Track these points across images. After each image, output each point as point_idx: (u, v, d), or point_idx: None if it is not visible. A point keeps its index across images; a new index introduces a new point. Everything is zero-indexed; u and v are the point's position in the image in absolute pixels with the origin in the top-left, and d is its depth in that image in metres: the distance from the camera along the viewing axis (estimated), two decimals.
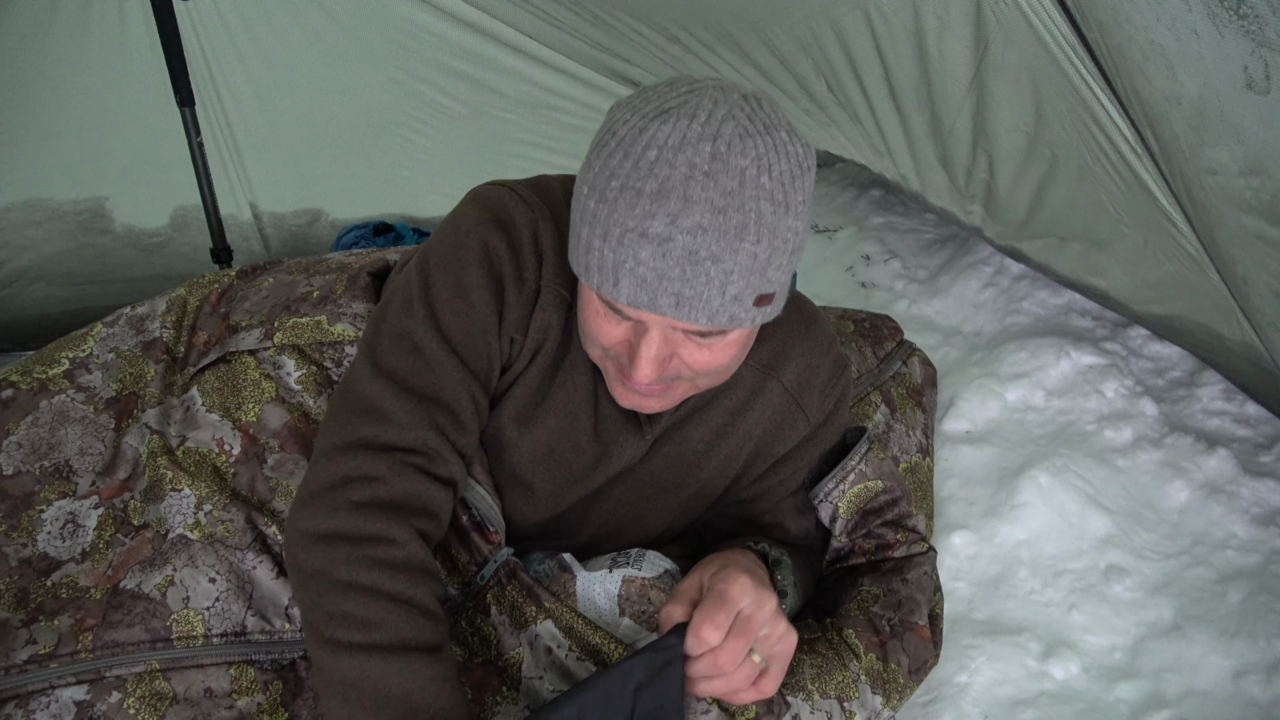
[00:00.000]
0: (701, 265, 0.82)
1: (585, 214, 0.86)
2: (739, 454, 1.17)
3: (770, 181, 0.83)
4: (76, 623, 0.93)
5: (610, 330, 0.92)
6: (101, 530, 1.02)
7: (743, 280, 0.84)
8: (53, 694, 0.89)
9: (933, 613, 1.25)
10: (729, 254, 0.82)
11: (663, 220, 0.81)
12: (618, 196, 0.82)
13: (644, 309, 0.85)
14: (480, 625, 1.04)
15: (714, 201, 0.81)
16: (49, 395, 1.09)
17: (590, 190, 0.85)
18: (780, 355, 1.15)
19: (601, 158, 0.85)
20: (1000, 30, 1.54)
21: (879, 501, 1.27)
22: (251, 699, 0.94)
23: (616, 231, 0.83)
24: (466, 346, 1.00)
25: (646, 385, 0.94)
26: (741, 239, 0.82)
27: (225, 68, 1.98)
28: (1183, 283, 1.66)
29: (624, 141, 0.83)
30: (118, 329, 1.19)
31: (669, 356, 0.91)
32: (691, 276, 0.82)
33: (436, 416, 0.98)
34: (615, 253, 0.83)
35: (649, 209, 0.81)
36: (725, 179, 0.81)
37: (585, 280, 0.88)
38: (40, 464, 1.04)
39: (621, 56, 2.12)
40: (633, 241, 0.82)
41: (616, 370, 0.97)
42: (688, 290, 0.83)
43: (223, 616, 0.96)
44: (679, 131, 0.81)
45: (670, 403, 1.01)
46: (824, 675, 1.10)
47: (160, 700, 0.91)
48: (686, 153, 0.81)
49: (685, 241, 0.81)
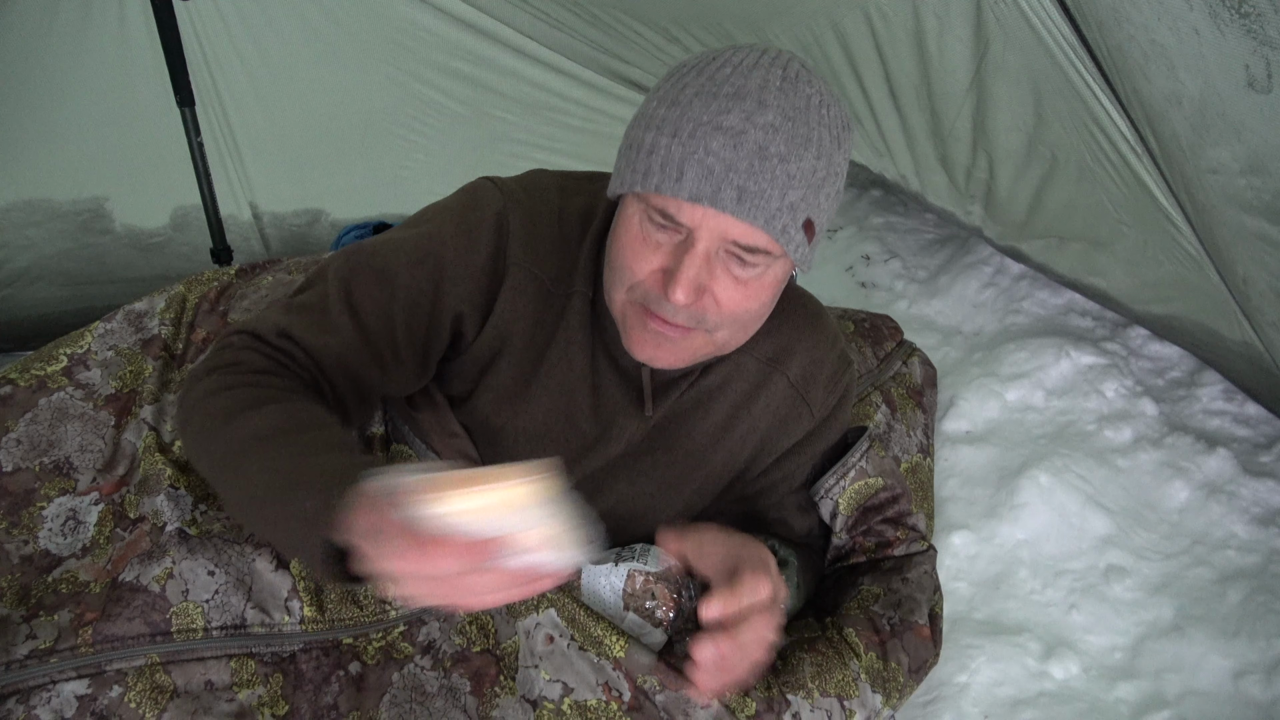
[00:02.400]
0: (769, 161, 0.84)
1: (652, 121, 0.88)
2: (744, 447, 1.17)
3: (829, 115, 0.89)
4: (76, 617, 0.93)
5: (647, 257, 0.91)
6: (102, 526, 1.02)
7: (801, 190, 0.86)
8: (54, 688, 0.90)
9: (932, 612, 1.25)
10: (795, 157, 0.85)
11: (738, 115, 0.84)
12: (692, 99, 0.86)
13: (705, 201, 0.85)
14: (479, 614, 1.04)
15: (785, 109, 0.86)
16: (48, 392, 1.09)
17: (659, 102, 0.89)
18: (786, 349, 1.15)
19: (673, 79, 0.90)
20: (1000, 30, 1.54)
21: (879, 499, 1.28)
22: (252, 691, 0.94)
23: (689, 126, 0.85)
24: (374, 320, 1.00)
25: (668, 324, 0.93)
26: (806, 148, 0.86)
27: (225, 68, 1.97)
28: (1183, 283, 1.66)
29: (696, 65, 0.89)
30: (116, 326, 1.19)
31: (703, 289, 0.91)
32: (759, 170, 0.84)
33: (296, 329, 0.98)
34: (685, 145, 0.85)
35: (725, 106, 0.85)
36: (795, 97, 0.87)
37: (642, 185, 0.87)
38: (40, 461, 1.05)
39: (621, 57, 2.12)
40: (705, 133, 0.84)
41: (639, 313, 0.95)
42: (752, 184, 0.84)
43: (222, 609, 0.96)
44: (752, 57, 0.88)
45: (685, 357, 0.99)
46: (824, 674, 1.10)
47: (161, 693, 0.91)
48: (760, 71, 0.87)
49: (758, 136, 0.84)
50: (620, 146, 0.94)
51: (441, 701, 0.99)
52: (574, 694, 0.99)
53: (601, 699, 0.99)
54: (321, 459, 0.83)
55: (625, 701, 0.99)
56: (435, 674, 1.01)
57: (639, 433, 1.12)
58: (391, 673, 1.00)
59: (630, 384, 1.10)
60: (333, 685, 0.98)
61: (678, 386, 1.11)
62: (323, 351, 0.98)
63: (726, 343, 1.00)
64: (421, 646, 1.03)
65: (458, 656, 1.02)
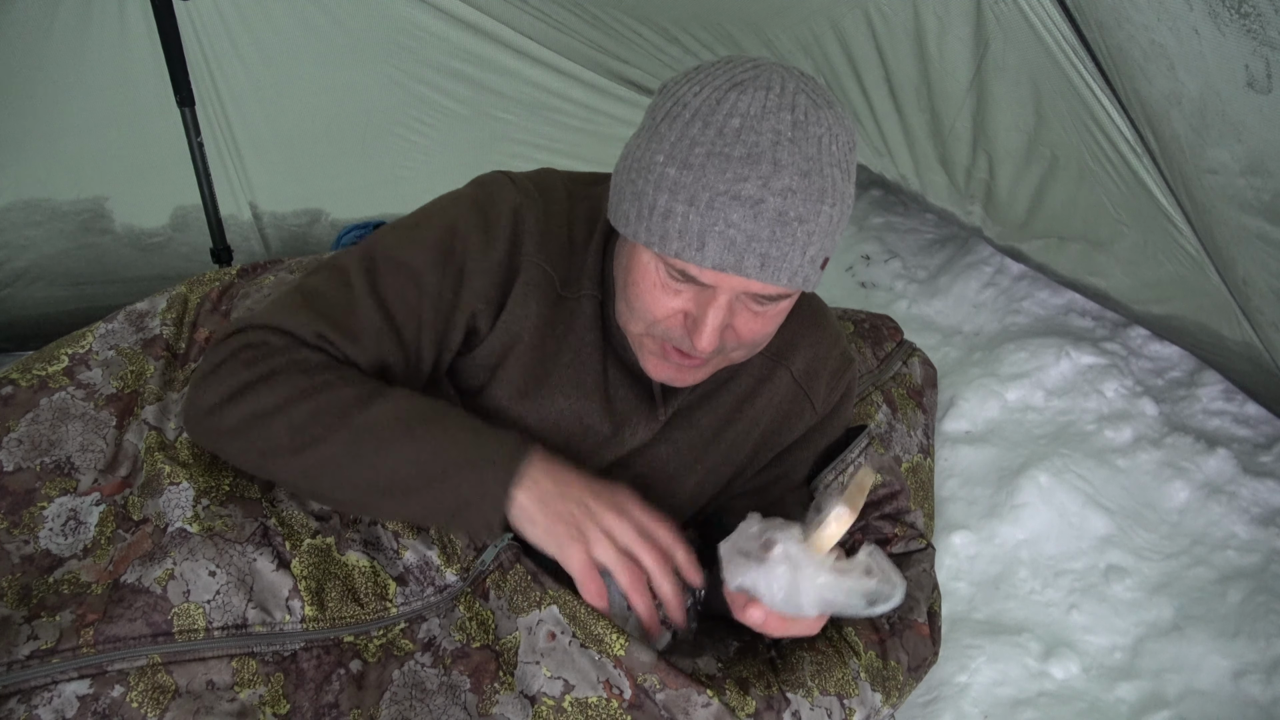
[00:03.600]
0: (789, 226, 0.86)
1: (664, 182, 0.87)
2: (746, 441, 1.18)
3: (838, 150, 0.88)
4: (78, 618, 0.93)
5: (666, 303, 0.93)
6: (103, 527, 1.02)
7: (820, 241, 0.88)
8: (55, 689, 0.89)
9: (931, 610, 1.26)
10: (813, 215, 0.86)
11: (755, 183, 0.84)
12: (704, 162, 0.85)
13: (729, 271, 0.86)
14: (479, 610, 1.04)
15: (799, 165, 0.85)
16: (49, 393, 1.09)
17: (669, 159, 0.87)
18: (789, 345, 1.16)
19: (677, 128, 0.87)
20: (1000, 30, 1.54)
21: (878, 495, 1.28)
22: (254, 691, 0.94)
23: (706, 196, 0.85)
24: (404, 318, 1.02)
25: (689, 357, 0.96)
26: (822, 201, 0.87)
27: (225, 68, 1.97)
28: (1183, 283, 1.66)
29: (701, 112, 0.86)
30: (117, 326, 1.19)
31: (725, 328, 0.93)
32: (780, 237, 0.86)
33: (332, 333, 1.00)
34: (704, 216, 0.85)
35: (740, 172, 0.84)
36: (806, 145, 0.86)
37: (661, 248, 0.88)
38: (41, 460, 1.05)
39: (621, 58, 2.12)
40: (724, 204, 0.84)
41: (658, 345, 0.98)
42: (774, 251, 0.86)
43: (223, 609, 0.96)
44: (759, 101, 0.85)
45: (705, 375, 1.03)
46: (824, 672, 1.11)
47: (163, 694, 0.91)
48: (770, 120, 0.85)
49: (776, 203, 0.85)
50: (621, 180, 0.94)
51: (441, 699, 0.99)
52: (575, 691, 0.99)
53: (602, 696, 0.99)
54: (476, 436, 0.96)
55: (626, 699, 0.99)
56: (435, 671, 1.01)
57: (651, 430, 1.13)
58: (392, 670, 1.00)
59: (641, 385, 1.12)
60: (334, 684, 0.98)
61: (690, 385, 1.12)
62: (360, 355, 1.01)
63: (742, 358, 1.04)
64: (422, 643, 1.03)
65: (458, 653, 1.01)
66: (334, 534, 1.04)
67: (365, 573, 1.03)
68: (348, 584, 1.02)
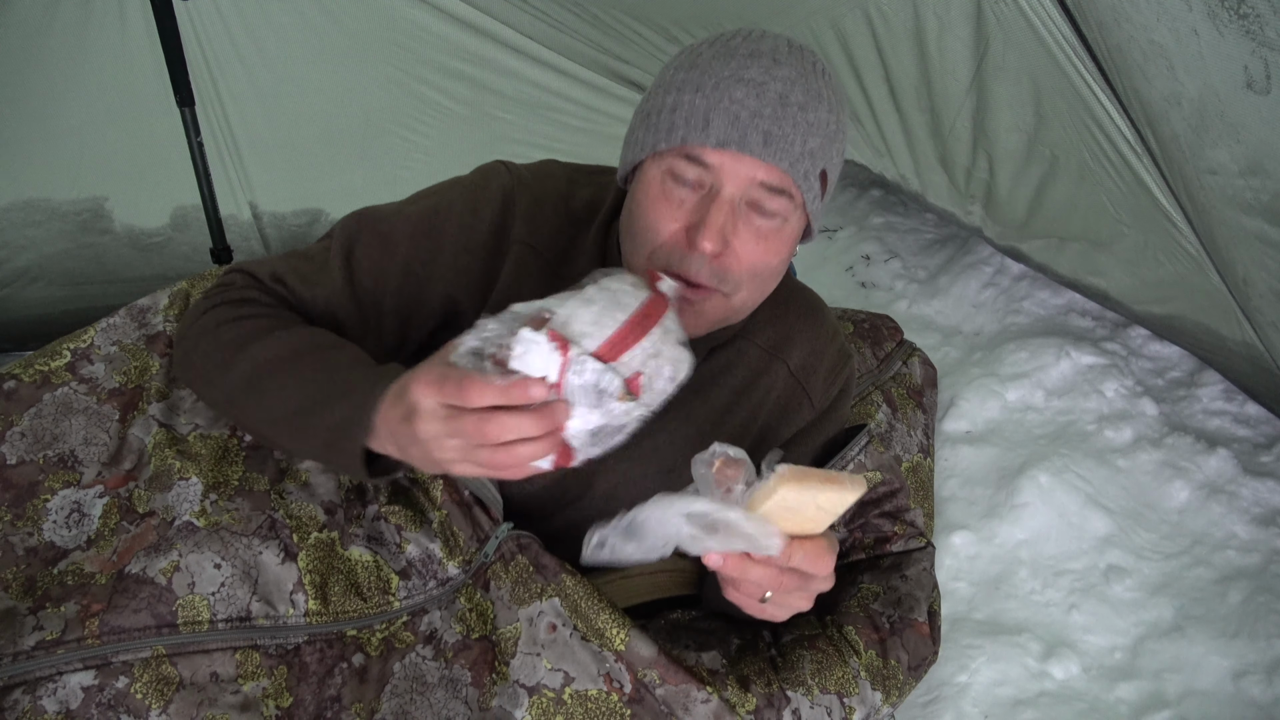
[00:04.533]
0: (789, 108, 0.91)
1: (672, 84, 0.94)
2: (744, 435, 1.17)
3: (831, 81, 0.97)
4: (83, 609, 0.94)
5: (670, 214, 0.95)
6: (107, 519, 1.02)
7: (819, 138, 0.93)
8: (60, 679, 0.90)
9: (931, 609, 1.26)
10: (813, 106, 0.93)
11: (758, 69, 0.92)
12: (711, 59, 0.93)
13: (732, 146, 0.90)
14: (479, 602, 1.05)
15: (799, 67, 0.94)
16: (51, 388, 1.10)
17: (677, 68, 0.96)
18: (786, 338, 1.17)
19: (685, 53, 0.97)
20: (1000, 30, 1.54)
21: (877, 492, 1.28)
22: (257, 684, 0.95)
23: (711, 80, 0.91)
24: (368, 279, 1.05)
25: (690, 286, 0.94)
26: (820, 101, 0.94)
27: (225, 68, 1.97)
28: (1183, 283, 1.66)
29: (708, 39, 0.97)
30: (119, 321, 1.19)
31: (727, 242, 0.94)
32: (781, 116, 0.91)
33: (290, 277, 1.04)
34: (709, 98, 0.91)
35: (744, 62, 0.92)
36: (803, 60, 0.95)
37: (666, 141, 0.93)
38: (44, 453, 1.05)
39: (621, 58, 2.12)
40: (729, 85, 0.91)
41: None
42: (776, 129, 0.90)
43: (228, 602, 0.97)
44: (758, 32, 0.96)
45: (704, 324, 1.00)
46: (824, 671, 1.11)
47: (167, 685, 0.91)
48: (769, 40, 0.95)
49: (778, 87, 0.91)
50: (630, 126, 0.99)
51: (442, 692, 0.99)
52: (575, 683, 0.99)
53: (602, 689, 0.99)
54: (349, 372, 0.92)
55: (626, 693, 0.99)
56: (437, 664, 1.01)
57: None
58: (393, 663, 1.00)
59: None
60: (336, 677, 0.98)
61: None
62: (311, 301, 1.04)
63: (744, 304, 1.02)
64: (423, 636, 1.03)
65: (459, 645, 1.02)
66: (338, 528, 1.05)
67: (368, 567, 1.03)
68: (351, 578, 1.03)
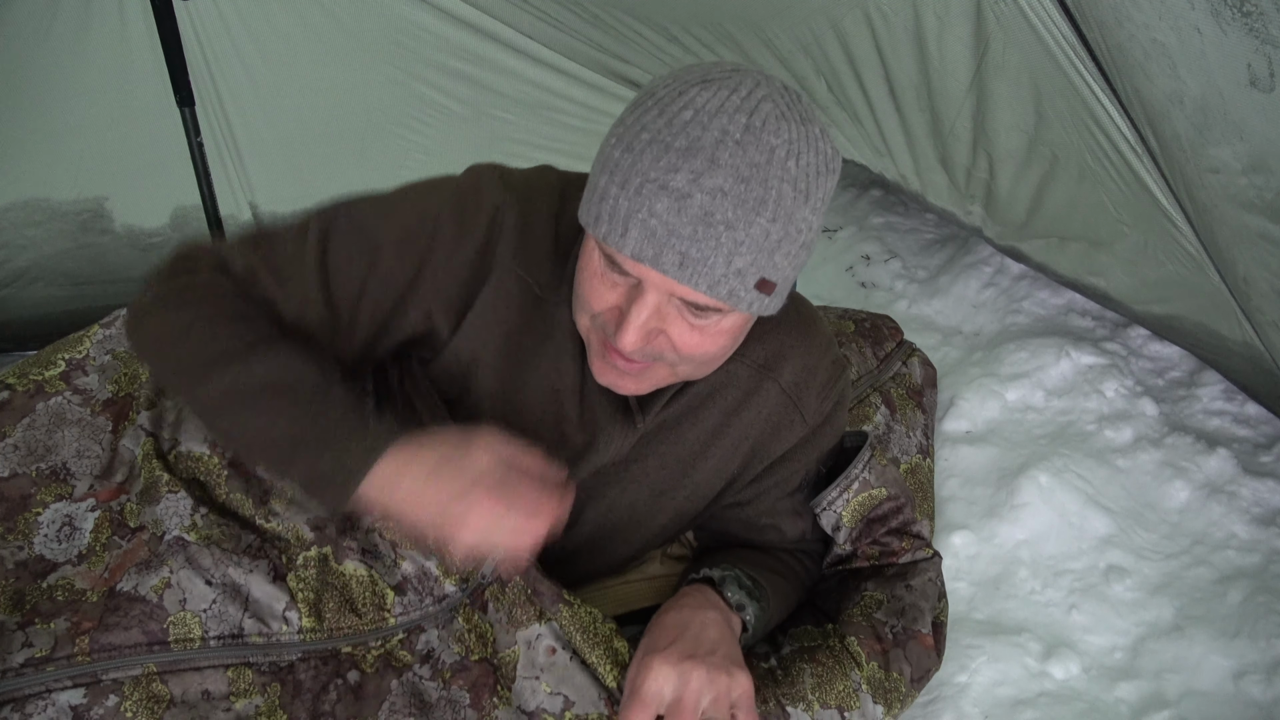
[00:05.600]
0: (714, 229, 0.81)
1: (608, 163, 0.85)
2: (735, 454, 1.16)
3: (796, 168, 0.83)
4: (73, 626, 0.92)
5: (604, 294, 0.90)
6: (98, 533, 1.01)
7: (750, 255, 0.83)
8: (49, 697, 0.88)
9: (936, 620, 1.24)
10: (743, 224, 0.82)
11: (685, 176, 0.81)
12: (645, 148, 0.82)
13: (647, 263, 0.83)
14: (478, 623, 1.03)
15: (739, 170, 0.81)
16: (45, 398, 1.08)
17: (618, 142, 0.85)
18: (778, 356, 1.13)
19: (635, 114, 0.85)
20: (1000, 30, 1.54)
21: (883, 509, 1.25)
22: (250, 701, 0.93)
23: (636, 180, 0.82)
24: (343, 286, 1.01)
25: (625, 359, 0.92)
26: (758, 213, 0.82)
27: (225, 68, 1.97)
28: (1183, 283, 1.66)
29: (661, 101, 0.84)
30: (114, 331, 1.18)
31: (657, 331, 0.90)
32: (702, 238, 0.82)
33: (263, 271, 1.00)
34: (631, 201, 0.82)
35: (674, 163, 0.81)
36: (754, 152, 0.81)
37: (593, 230, 0.86)
38: (37, 466, 1.04)
39: (621, 57, 2.12)
40: (651, 192, 0.81)
41: (600, 342, 0.95)
42: (694, 251, 0.82)
43: (220, 619, 0.95)
44: (718, 100, 0.82)
45: (647, 386, 0.99)
46: (824, 685, 1.09)
47: (158, 703, 0.90)
48: (721, 120, 0.81)
49: (703, 201, 0.81)
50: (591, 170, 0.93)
51: (440, 713, 0.98)
52: (575, 708, 0.98)
53: (603, 713, 0.98)
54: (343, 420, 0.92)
55: None
56: (435, 684, 1.00)
57: (628, 442, 1.10)
58: (390, 680, 0.99)
59: (619, 396, 1.08)
60: (330, 694, 0.97)
61: (664, 395, 1.09)
62: (283, 301, 1.00)
63: (690, 375, 0.99)
64: (420, 655, 1.01)
65: (457, 666, 1.00)
66: (331, 543, 1.03)
67: (363, 582, 1.01)
68: (345, 594, 1.01)
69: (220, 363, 0.93)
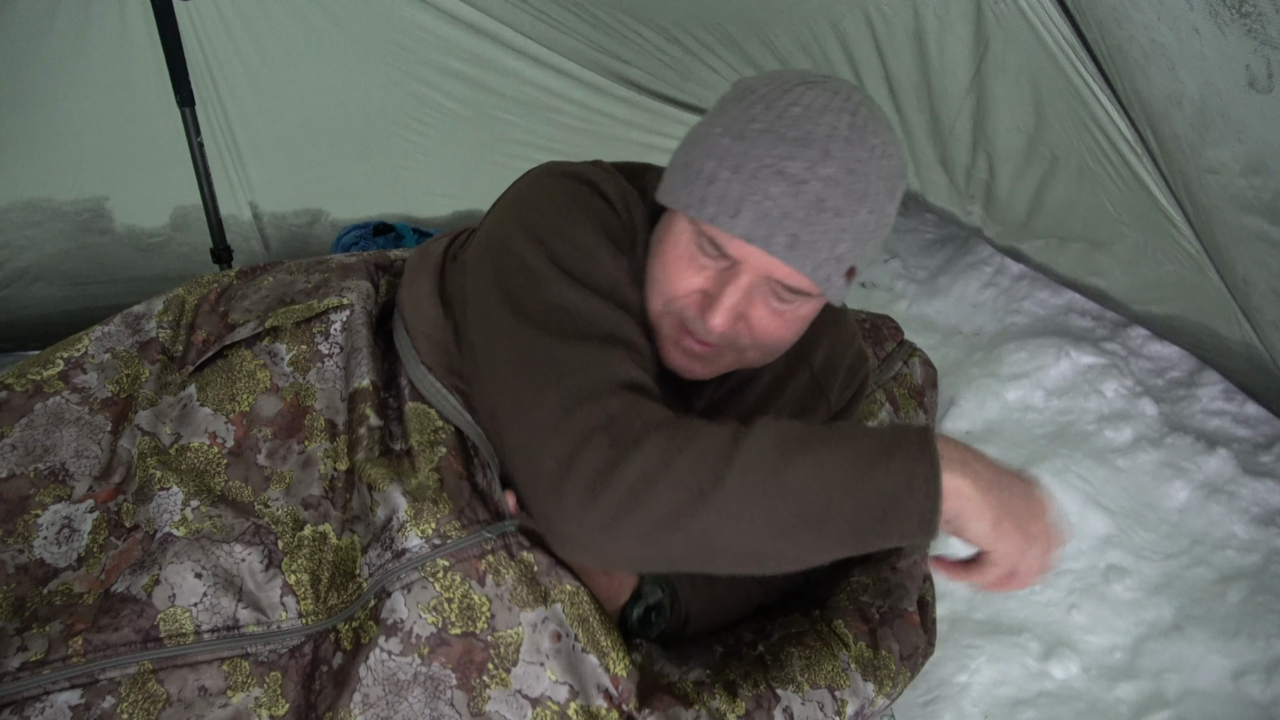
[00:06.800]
0: (825, 214, 0.86)
1: (715, 149, 0.88)
2: None
3: (888, 166, 0.89)
4: (67, 628, 0.92)
5: (689, 278, 0.92)
6: (96, 535, 1.00)
7: (850, 242, 0.88)
8: (47, 699, 0.88)
9: (922, 599, 1.25)
10: (850, 212, 0.87)
11: (802, 163, 0.85)
12: (758, 136, 0.86)
13: (756, 244, 0.86)
14: (465, 593, 0.96)
15: (848, 163, 0.86)
16: (44, 397, 1.07)
17: (725, 130, 0.88)
18: (811, 341, 1.16)
19: (741, 106, 0.89)
20: (1000, 30, 1.54)
21: None
22: (248, 694, 0.92)
23: (751, 165, 0.85)
24: (611, 292, 0.95)
25: (701, 343, 0.94)
26: (862, 203, 0.87)
27: (225, 68, 1.98)
28: (1183, 283, 1.66)
29: (766, 97, 0.89)
30: (113, 329, 1.17)
31: (740, 316, 0.92)
32: (814, 221, 0.85)
33: (619, 350, 0.91)
34: (746, 185, 0.85)
35: (790, 151, 0.85)
36: (860, 149, 0.87)
37: (696, 212, 0.88)
38: (35, 467, 1.03)
39: (621, 58, 2.12)
40: (767, 176, 0.85)
41: (673, 327, 0.97)
42: (805, 234, 0.86)
43: (211, 611, 0.94)
44: (823, 99, 0.88)
45: (714, 370, 1.02)
46: (813, 666, 1.10)
47: (154, 703, 0.90)
48: (829, 116, 0.87)
49: (818, 188, 0.85)
50: (675, 157, 0.94)
51: (420, 691, 0.92)
52: (580, 698, 0.97)
53: (602, 705, 0.98)
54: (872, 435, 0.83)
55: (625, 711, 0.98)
56: (408, 659, 0.93)
57: None
58: (359, 666, 0.92)
59: (672, 380, 1.07)
60: (315, 683, 0.95)
61: (718, 378, 1.12)
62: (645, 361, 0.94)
63: (754, 362, 1.02)
64: (386, 626, 0.93)
65: (435, 640, 0.94)
66: (327, 519, 0.99)
67: (351, 549, 0.98)
68: (340, 567, 0.98)
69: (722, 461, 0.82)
